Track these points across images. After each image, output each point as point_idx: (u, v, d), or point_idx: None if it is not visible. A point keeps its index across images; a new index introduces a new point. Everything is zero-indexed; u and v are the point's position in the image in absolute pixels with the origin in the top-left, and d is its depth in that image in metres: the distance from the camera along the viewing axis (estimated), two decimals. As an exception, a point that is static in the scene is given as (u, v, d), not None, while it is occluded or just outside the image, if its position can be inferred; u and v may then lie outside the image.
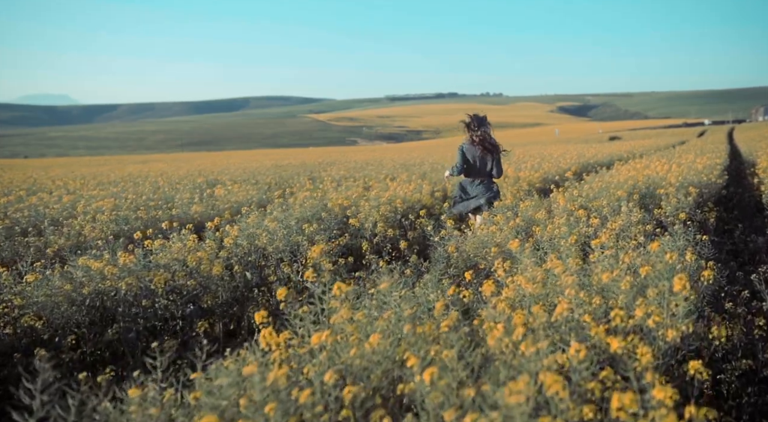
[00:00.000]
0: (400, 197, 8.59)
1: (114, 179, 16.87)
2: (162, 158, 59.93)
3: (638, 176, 9.52)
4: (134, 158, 67.56)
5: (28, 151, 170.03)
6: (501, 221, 6.23)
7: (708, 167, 10.81)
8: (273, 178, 14.69)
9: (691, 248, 4.58)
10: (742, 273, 5.68)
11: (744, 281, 5.82)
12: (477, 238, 5.56)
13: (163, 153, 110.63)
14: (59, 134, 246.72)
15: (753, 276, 5.02)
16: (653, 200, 7.24)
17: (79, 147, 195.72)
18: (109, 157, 77.27)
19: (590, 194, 7.58)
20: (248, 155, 54.15)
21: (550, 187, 9.88)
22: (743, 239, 8.19)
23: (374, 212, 7.24)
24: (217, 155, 59.17)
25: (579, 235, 5.34)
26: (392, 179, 12.92)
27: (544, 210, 6.16)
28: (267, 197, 9.91)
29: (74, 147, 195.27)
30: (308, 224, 5.73)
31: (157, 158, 55.82)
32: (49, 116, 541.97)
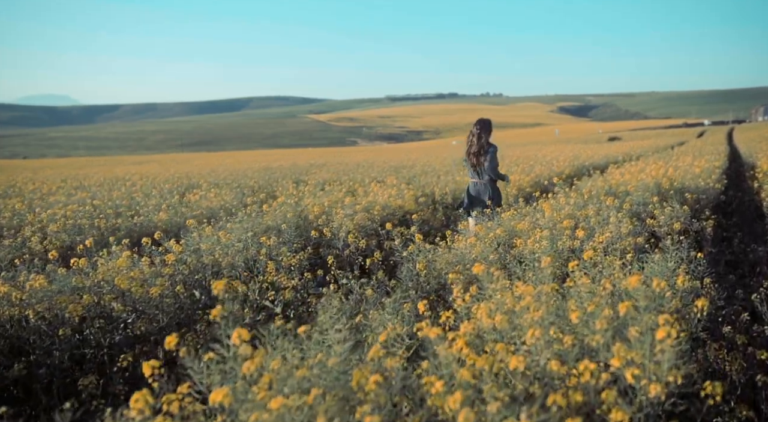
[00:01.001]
0: (379, 204, 8.11)
1: (96, 181, 16.39)
2: (158, 158, 59.45)
3: (632, 181, 9.04)
4: (132, 158, 67.08)
5: (29, 151, 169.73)
6: (481, 232, 5.77)
7: (706, 170, 10.32)
8: (258, 181, 14.21)
9: (685, 267, 4.10)
10: (742, 291, 5.19)
11: (744, 298, 5.35)
12: (452, 253, 5.09)
13: (162, 154, 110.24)
14: (60, 135, 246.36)
15: (754, 296, 4.54)
16: (646, 208, 6.76)
17: (80, 148, 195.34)
18: (107, 158, 76.77)
19: (579, 202, 7.10)
20: (244, 155, 53.66)
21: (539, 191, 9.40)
22: (742, 249, 7.71)
23: (348, 221, 6.76)
24: (213, 156, 58.69)
25: (562, 249, 4.87)
26: (378, 182, 12.44)
27: (527, 221, 5.67)
28: (242, 203, 9.43)
29: (74, 148, 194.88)
30: (266, 236, 5.23)
31: (153, 159, 55.35)
32: (49, 116, 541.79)
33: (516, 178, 10.92)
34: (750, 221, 10.42)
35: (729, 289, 6.26)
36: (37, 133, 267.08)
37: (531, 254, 4.73)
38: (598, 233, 5.33)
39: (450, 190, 11.69)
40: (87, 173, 23.53)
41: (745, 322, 4.22)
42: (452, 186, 11.79)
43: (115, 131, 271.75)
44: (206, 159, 45.81)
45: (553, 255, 4.69)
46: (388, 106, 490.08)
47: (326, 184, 13.82)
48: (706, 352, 3.66)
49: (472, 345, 2.83)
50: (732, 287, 6.37)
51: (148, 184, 13.65)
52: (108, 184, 14.99)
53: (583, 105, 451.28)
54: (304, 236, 6.92)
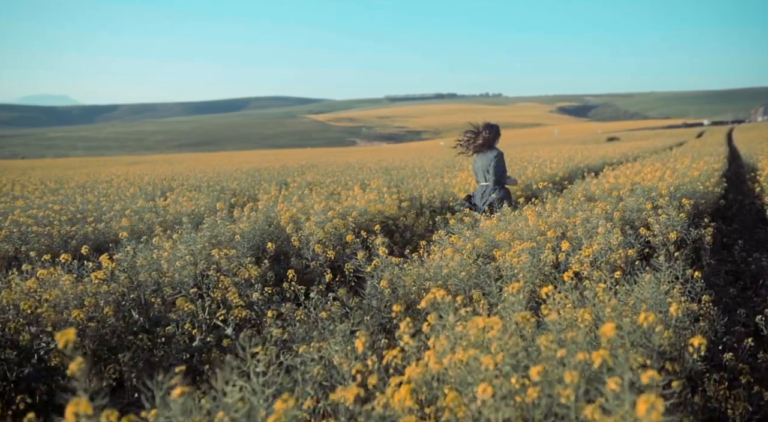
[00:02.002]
0: (357, 209, 7.62)
1: (77, 183, 15.88)
2: (154, 159, 58.95)
3: (627, 184, 8.55)
4: (127, 159, 66.59)
5: (28, 151, 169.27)
6: (458, 243, 5.28)
7: (705, 173, 9.83)
8: (241, 183, 13.72)
9: (680, 287, 3.62)
10: (744, 311, 4.69)
11: (746, 318, 4.86)
12: (424, 266, 4.60)
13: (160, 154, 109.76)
14: (59, 135, 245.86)
15: (759, 318, 4.06)
16: (640, 215, 6.27)
17: (79, 148, 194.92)
18: (102, 158, 76.20)
19: (570, 208, 6.61)
20: (239, 155, 53.08)
21: (527, 196, 8.93)
22: (743, 258, 7.22)
23: (318, 229, 6.26)
24: (208, 156, 58.16)
25: (545, 264, 4.37)
26: (366, 184, 11.95)
27: (508, 230, 5.18)
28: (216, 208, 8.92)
29: (74, 148, 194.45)
30: (228, 246, 4.74)
31: (147, 160, 54.86)
32: (49, 116, 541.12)
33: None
34: (751, 226, 9.93)
35: (730, 305, 5.79)
36: (37, 133, 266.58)
37: (510, 268, 4.24)
38: (586, 244, 4.84)
39: (438, 193, 11.20)
40: (73, 174, 23.02)
41: (748, 348, 3.73)
42: (440, 189, 11.30)
43: (115, 131, 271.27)
44: (200, 160, 45.31)
45: (534, 272, 4.21)
46: (388, 106, 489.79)
47: (312, 186, 13.33)
48: (705, 387, 3.17)
49: (424, 387, 2.36)
50: (733, 301, 5.89)
51: (127, 186, 13.14)
52: (89, 186, 14.49)
53: (582, 105, 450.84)
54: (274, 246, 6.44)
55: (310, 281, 6.01)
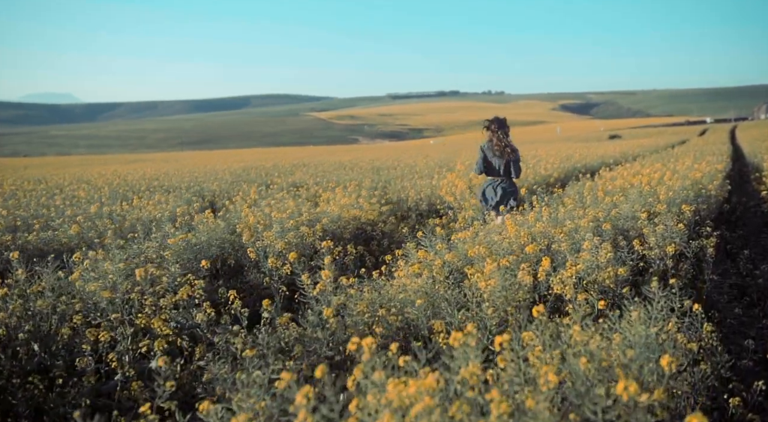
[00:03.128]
0: (329, 216, 7.01)
1: (56, 184, 15.29)
2: (151, 157, 58.40)
3: (624, 187, 7.93)
4: (128, 157, 66.06)
5: (30, 149, 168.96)
6: (429, 259, 4.67)
7: (707, 175, 9.20)
8: (221, 185, 13.12)
9: (676, 322, 3.00)
10: (753, 342, 4.06)
11: (754, 345, 4.24)
12: (385, 289, 3.99)
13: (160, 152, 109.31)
14: (61, 133, 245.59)
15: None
16: (635, 224, 5.64)
17: (81, 146, 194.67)
18: (100, 157, 75.66)
19: (559, 215, 5.99)
20: (234, 153, 52.41)
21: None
22: (749, 270, 6.60)
23: (279, 240, 5.65)
24: (205, 155, 57.56)
25: (519, 288, 3.76)
26: (346, 187, 11.34)
27: (483, 245, 4.57)
28: (186, 212, 8.33)
29: (76, 146, 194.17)
30: (143, 268, 4.12)
31: (144, 158, 54.34)
32: (52, 114, 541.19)
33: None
34: (757, 231, 9.30)
35: (735, 326, 5.17)
36: (39, 131, 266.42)
37: (478, 293, 3.63)
38: (570, 261, 4.23)
39: (426, 195, 10.59)
40: (59, 173, 22.44)
41: (759, 392, 3.12)
42: (428, 191, 10.68)
43: (117, 129, 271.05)
44: (196, 158, 44.73)
45: (505, 297, 3.60)
46: (390, 104, 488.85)
47: (296, 187, 12.73)
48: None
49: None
50: (738, 322, 5.27)
51: (101, 187, 12.53)
52: (65, 186, 13.90)
53: (584, 103, 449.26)
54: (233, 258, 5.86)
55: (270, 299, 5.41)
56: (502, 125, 7.16)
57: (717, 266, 6.80)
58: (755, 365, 3.81)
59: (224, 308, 4.63)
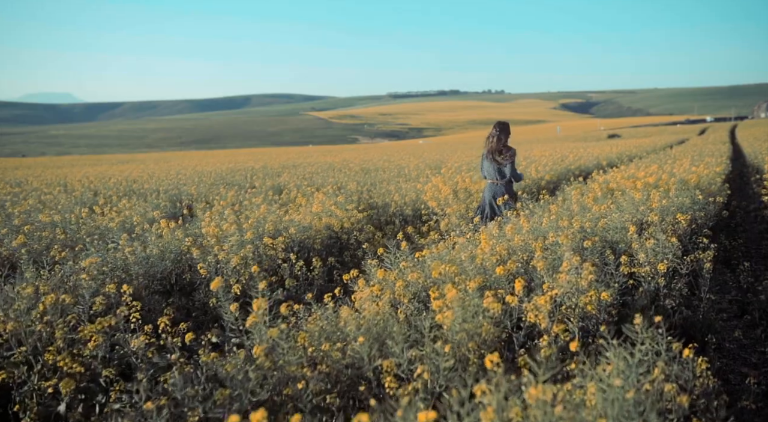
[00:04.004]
0: (295, 225, 6.50)
1: (33, 186, 14.79)
2: (146, 157, 57.92)
3: (615, 192, 7.42)
4: (121, 157, 65.57)
5: (29, 149, 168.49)
6: (392, 278, 4.17)
7: (706, 178, 8.69)
8: (199, 188, 12.60)
9: (663, 367, 2.50)
10: (755, 381, 3.56)
11: (757, 379, 3.73)
12: (336, 318, 3.49)
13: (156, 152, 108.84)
14: (61, 133, 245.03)
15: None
16: (625, 236, 5.13)
17: (80, 145, 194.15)
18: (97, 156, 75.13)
19: (543, 225, 5.49)
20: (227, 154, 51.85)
21: None
22: (751, 284, 6.09)
23: (233, 256, 5.15)
24: (198, 154, 57.02)
25: (482, 318, 3.25)
26: (330, 189, 10.84)
27: (450, 264, 4.07)
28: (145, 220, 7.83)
29: (75, 145, 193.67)
30: (51, 295, 3.61)
31: (138, 158, 53.85)
32: (52, 114, 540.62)
33: (482, 187, 9.31)
34: (758, 239, 8.79)
35: (734, 351, 4.67)
36: (39, 131, 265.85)
37: (435, 328, 3.13)
38: (548, 283, 3.73)
39: (410, 199, 10.07)
40: (47, 174, 21.92)
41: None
42: (413, 195, 10.17)
43: (117, 128, 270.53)
44: (188, 158, 44.20)
45: (466, 331, 3.10)
46: (390, 103, 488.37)
47: (281, 190, 12.24)
48: None
49: None
50: (738, 346, 4.77)
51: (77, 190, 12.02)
52: (44, 191, 13.40)
53: (585, 102, 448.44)
54: (187, 274, 5.35)
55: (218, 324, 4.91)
56: (503, 129, 7.32)
57: (715, 280, 6.31)
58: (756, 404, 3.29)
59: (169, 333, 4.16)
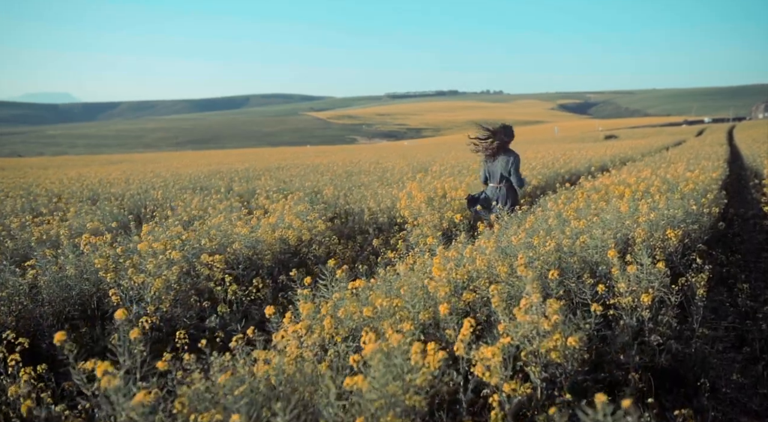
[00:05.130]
0: (242, 238, 5.81)
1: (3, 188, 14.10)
2: (140, 158, 57.35)
3: (600, 201, 6.73)
4: (114, 158, 64.94)
5: (28, 149, 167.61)
6: (326, 311, 3.49)
7: (701, 185, 8.01)
8: (164, 192, 11.93)
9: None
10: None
11: None
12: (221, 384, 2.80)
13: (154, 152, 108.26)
14: (59, 132, 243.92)
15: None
16: (605, 256, 4.45)
17: (79, 145, 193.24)
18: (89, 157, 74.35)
19: (516, 239, 4.81)
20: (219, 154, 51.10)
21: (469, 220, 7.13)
22: (751, 308, 5.41)
23: (157, 279, 4.45)
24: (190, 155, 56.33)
25: (414, 376, 2.57)
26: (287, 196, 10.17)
27: (387, 297, 3.38)
28: (99, 231, 7.15)
29: (73, 145, 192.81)
30: None
31: (132, 159, 53.27)
32: (51, 114, 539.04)
33: (459, 194, 8.63)
34: (757, 252, 8.10)
35: (731, 396, 3.98)
36: (38, 131, 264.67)
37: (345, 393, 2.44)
38: (504, 323, 3.05)
39: (386, 206, 9.40)
40: (26, 176, 21.22)
41: None
42: (388, 202, 9.49)
43: (116, 128, 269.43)
44: (179, 158, 43.52)
45: (384, 401, 2.41)
46: (388, 103, 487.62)
47: (253, 195, 11.56)
48: None
49: None
50: (737, 388, 4.08)
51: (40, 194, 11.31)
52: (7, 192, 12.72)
53: (583, 102, 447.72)
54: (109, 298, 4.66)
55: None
56: (500, 133, 7.09)
57: (711, 300, 5.63)
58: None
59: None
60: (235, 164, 25.70)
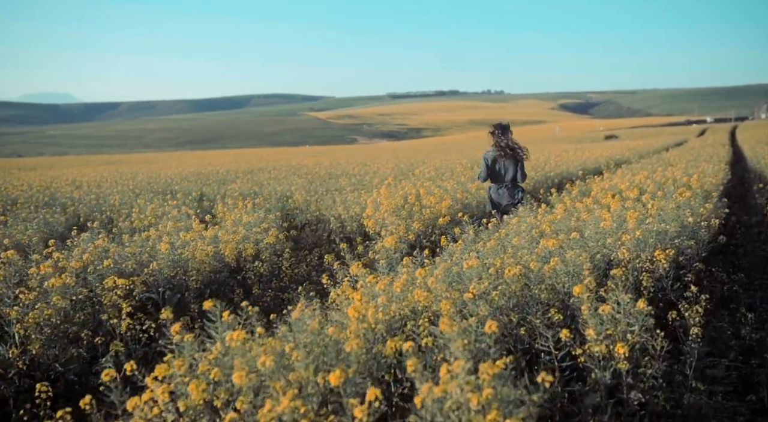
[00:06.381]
0: (160, 259, 4.98)
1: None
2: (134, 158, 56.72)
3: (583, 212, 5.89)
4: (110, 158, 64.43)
5: (28, 149, 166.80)
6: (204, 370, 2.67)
7: (700, 192, 7.18)
8: (122, 196, 11.14)
9: None
10: None
11: None
12: None
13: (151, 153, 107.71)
14: (59, 133, 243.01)
15: None
16: (579, 277, 3.62)
17: (79, 146, 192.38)
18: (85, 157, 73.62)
19: (468, 265, 3.98)
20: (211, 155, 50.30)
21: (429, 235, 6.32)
22: (755, 340, 4.57)
23: (30, 315, 3.63)
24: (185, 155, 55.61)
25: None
26: (236, 202, 9.37)
27: (273, 347, 2.56)
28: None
29: (74, 146, 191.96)
30: None
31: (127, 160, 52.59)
32: (51, 114, 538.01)
33: (430, 201, 7.80)
34: (762, 264, 7.27)
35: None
36: (38, 131, 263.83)
37: None
38: (422, 395, 2.23)
39: (355, 214, 8.58)
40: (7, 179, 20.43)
41: None
42: (357, 209, 8.66)
43: (116, 128, 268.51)
44: (172, 159, 42.78)
45: None
46: (389, 103, 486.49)
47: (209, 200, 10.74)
48: None
49: None
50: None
51: None
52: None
53: (584, 102, 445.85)
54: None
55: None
56: (505, 130, 7.14)
57: (709, 330, 4.80)
58: None
59: None
60: (225, 165, 24.91)
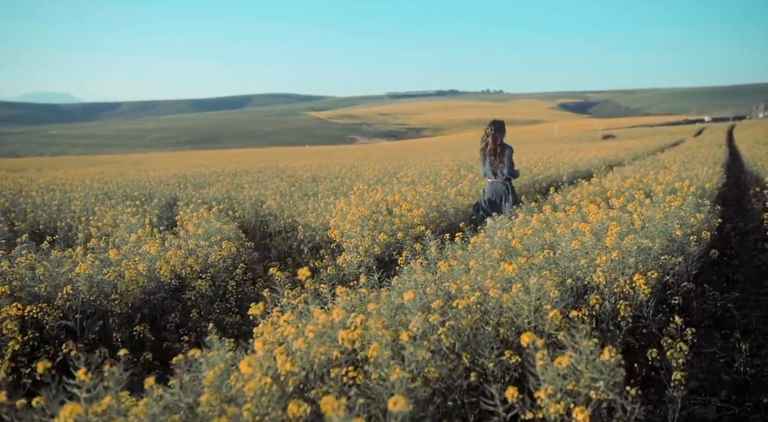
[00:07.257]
0: (82, 280, 4.41)
1: None
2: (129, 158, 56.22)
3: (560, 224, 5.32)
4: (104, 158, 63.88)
5: (27, 149, 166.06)
6: None
7: (692, 198, 6.61)
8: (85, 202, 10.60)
9: None
10: None
11: None
12: None
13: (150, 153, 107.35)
14: (59, 133, 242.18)
15: None
16: (543, 317, 3.07)
17: (79, 145, 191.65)
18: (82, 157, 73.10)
19: (408, 296, 3.43)
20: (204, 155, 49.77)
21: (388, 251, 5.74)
22: (752, 375, 4.00)
23: None
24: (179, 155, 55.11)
25: None
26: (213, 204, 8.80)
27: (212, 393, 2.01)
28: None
29: (74, 146, 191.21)
30: None
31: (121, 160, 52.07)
32: (51, 114, 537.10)
33: (401, 209, 7.23)
34: (759, 278, 6.69)
35: None
36: (38, 131, 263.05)
37: None
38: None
39: (324, 223, 7.99)
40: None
41: None
42: (327, 217, 8.08)
43: (116, 128, 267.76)
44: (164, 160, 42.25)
45: None
46: (389, 103, 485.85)
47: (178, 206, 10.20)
48: None
49: None
50: None
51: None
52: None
53: (583, 102, 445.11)
54: None
55: None
56: (497, 127, 7.25)
57: (699, 359, 4.24)
58: None
59: None
60: (214, 166, 24.34)
